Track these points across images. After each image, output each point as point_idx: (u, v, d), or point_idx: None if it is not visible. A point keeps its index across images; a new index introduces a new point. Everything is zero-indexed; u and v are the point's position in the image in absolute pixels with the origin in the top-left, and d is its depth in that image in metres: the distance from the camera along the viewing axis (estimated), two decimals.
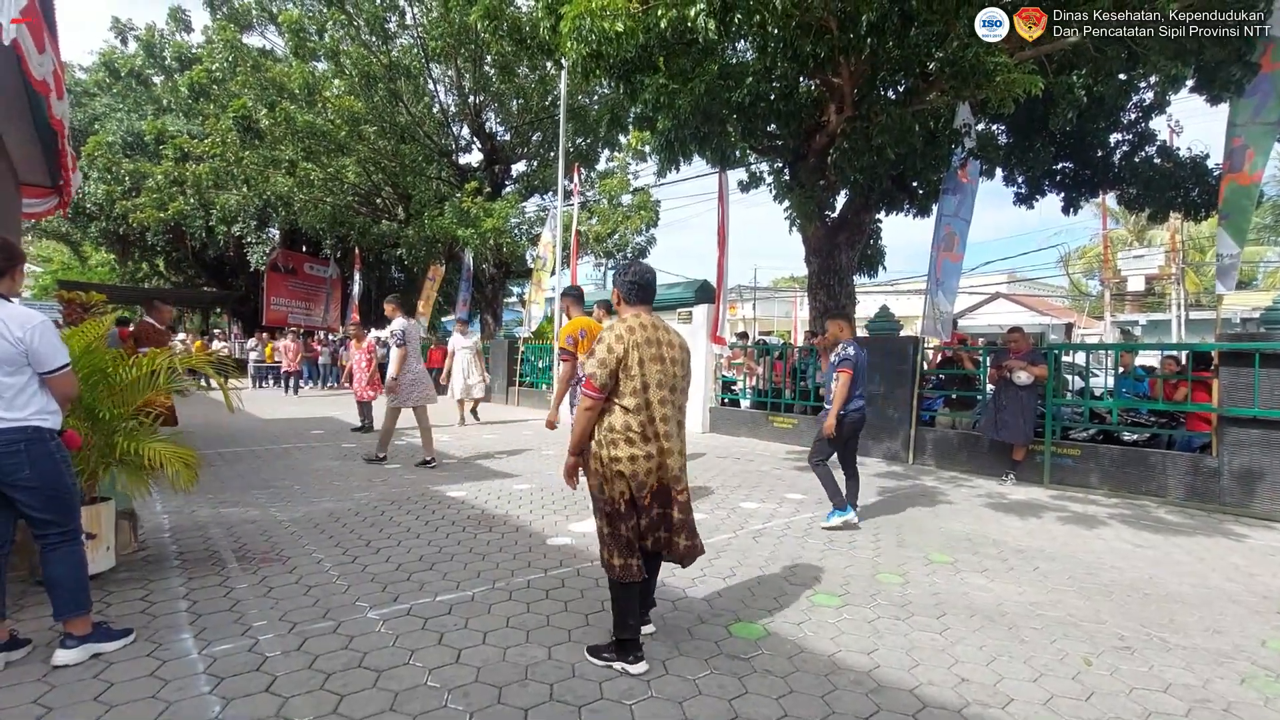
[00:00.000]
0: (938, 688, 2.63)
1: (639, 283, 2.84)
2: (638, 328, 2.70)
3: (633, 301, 2.84)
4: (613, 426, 2.66)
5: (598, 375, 2.63)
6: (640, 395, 2.65)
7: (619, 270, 2.91)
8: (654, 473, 2.71)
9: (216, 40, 17.74)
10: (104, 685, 2.48)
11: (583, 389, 2.67)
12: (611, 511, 2.70)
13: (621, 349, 2.64)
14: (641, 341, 2.67)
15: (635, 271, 2.86)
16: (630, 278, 2.84)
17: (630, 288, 2.84)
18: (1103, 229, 24.75)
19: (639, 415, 2.65)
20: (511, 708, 2.40)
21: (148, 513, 4.88)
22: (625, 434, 2.65)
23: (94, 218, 21.31)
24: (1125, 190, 9.74)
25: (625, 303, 2.85)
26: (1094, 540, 4.79)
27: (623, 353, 2.64)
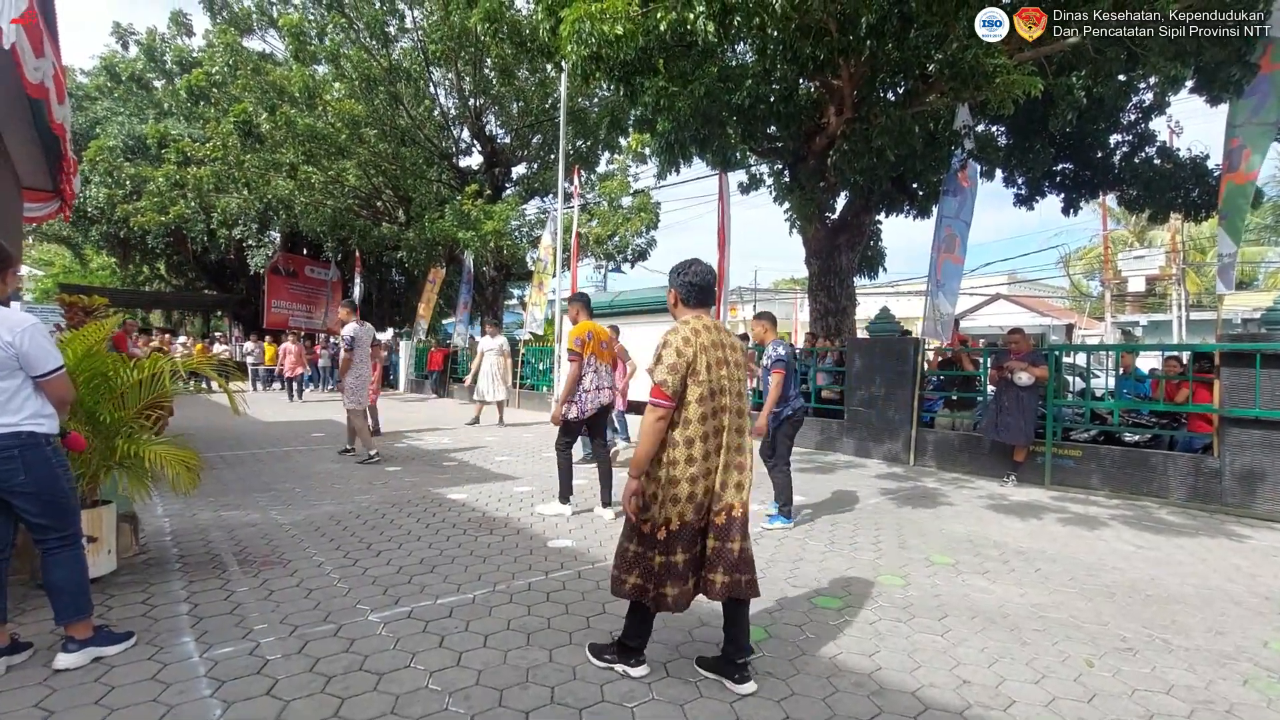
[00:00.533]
0: (939, 690, 2.62)
1: (698, 284, 2.62)
2: (703, 330, 2.51)
3: (691, 304, 2.63)
4: (674, 440, 2.44)
5: (669, 382, 2.41)
6: (707, 403, 2.45)
7: (677, 270, 2.67)
8: (714, 493, 2.48)
9: (217, 44, 17.78)
10: (105, 689, 2.48)
11: (651, 398, 2.44)
12: (648, 535, 2.48)
13: (690, 352, 2.44)
14: (708, 344, 2.49)
15: (695, 271, 2.63)
16: (689, 278, 2.62)
17: (689, 289, 2.62)
18: (1103, 230, 24.74)
19: (702, 425, 2.45)
20: (513, 710, 2.40)
21: (149, 516, 4.88)
22: (686, 448, 2.43)
23: (95, 221, 21.34)
24: (1125, 191, 9.75)
25: (684, 304, 2.64)
26: (1096, 541, 4.79)
27: (692, 356, 2.44)
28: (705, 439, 2.45)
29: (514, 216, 17.01)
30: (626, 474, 2.52)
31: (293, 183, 17.09)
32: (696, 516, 2.46)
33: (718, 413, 2.48)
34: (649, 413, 2.43)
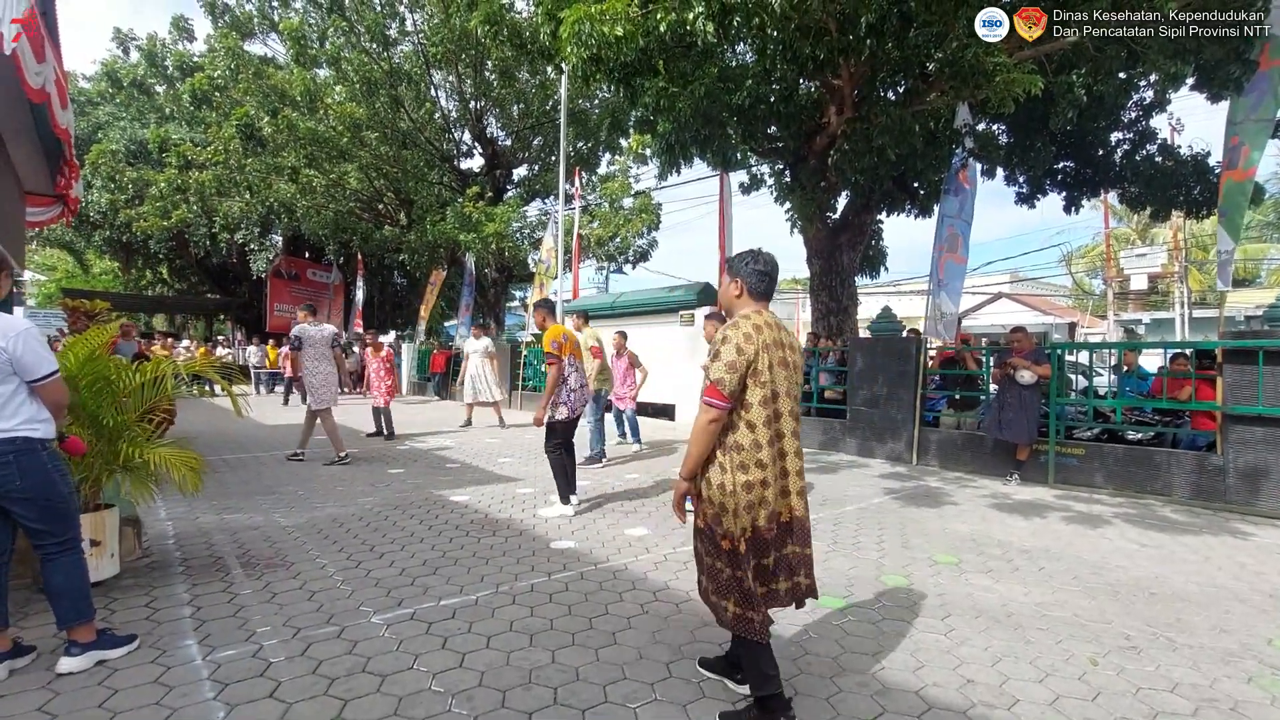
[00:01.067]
0: (943, 689, 2.62)
1: (768, 273, 2.43)
2: (764, 326, 2.32)
3: (757, 295, 2.42)
4: (738, 444, 2.27)
5: (727, 381, 2.23)
6: (770, 405, 2.29)
7: (743, 258, 2.46)
8: (781, 498, 2.35)
9: (218, 48, 17.85)
10: (108, 692, 2.49)
11: (705, 398, 2.26)
12: (732, 550, 2.28)
13: (752, 350, 2.25)
14: (770, 342, 2.31)
15: (765, 260, 2.44)
16: (760, 266, 2.42)
17: (758, 278, 2.41)
18: (1105, 228, 24.69)
19: (767, 429, 2.28)
20: (516, 711, 2.40)
21: (152, 519, 4.89)
22: (753, 453, 2.26)
23: (98, 226, 21.41)
24: (1126, 189, 9.74)
25: (749, 295, 2.43)
26: (1099, 540, 4.77)
27: (753, 354, 2.25)
28: (771, 443, 2.29)
29: (515, 218, 17.05)
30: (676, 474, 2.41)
31: (294, 186, 17.15)
32: (768, 524, 2.31)
33: (780, 416, 2.32)
34: (703, 413, 2.26)
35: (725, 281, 2.49)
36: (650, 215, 19.64)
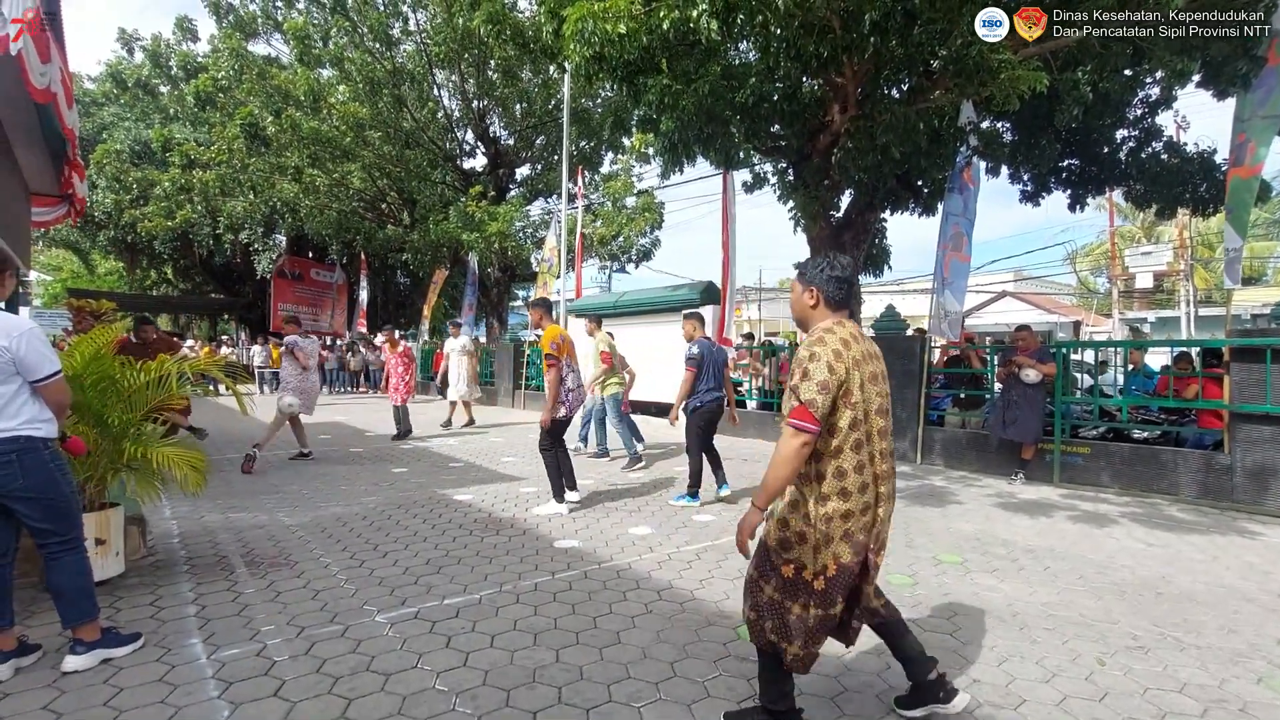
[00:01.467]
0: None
1: (847, 279, 2.21)
2: (851, 340, 2.11)
3: (835, 304, 2.20)
4: (823, 473, 2.07)
5: (819, 402, 2.00)
6: (860, 427, 2.08)
7: (817, 264, 2.23)
8: (870, 530, 2.12)
9: (222, 49, 17.91)
10: (113, 690, 2.49)
11: (794, 421, 2.02)
12: (802, 585, 2.09)
13: (843, 369, 2.04)
14: (860, 357, 2.11)
15: (841, 265, 2.21)
16: (836, 272, 2.20)
17: (836, 285, 2.19)
18: (1109, 226, 24.60)
19: (858, 454, 2.07)
20: (520, 710, 2.39)
21: (157, 518, 4.90)
22: (837, 481, 2.06)
23: (102, 226, 21.50)
24: (1132, 187, 9.67)
25: (826, 305, 2.20)
26: (1105, 539, 4.75)
27: (844, 373, 2.04)
28: (860, 469, 2.07)
29: (518, 218, 17.07)
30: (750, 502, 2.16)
31: (298, 186, 17.19)
32: (855, 558, 2.09)
33: (870, 438, 2.11)
34: (791, 438, 2.01)
35: (798, 290, 2.25)
36: (653, 214, 19.63)
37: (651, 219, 19.62)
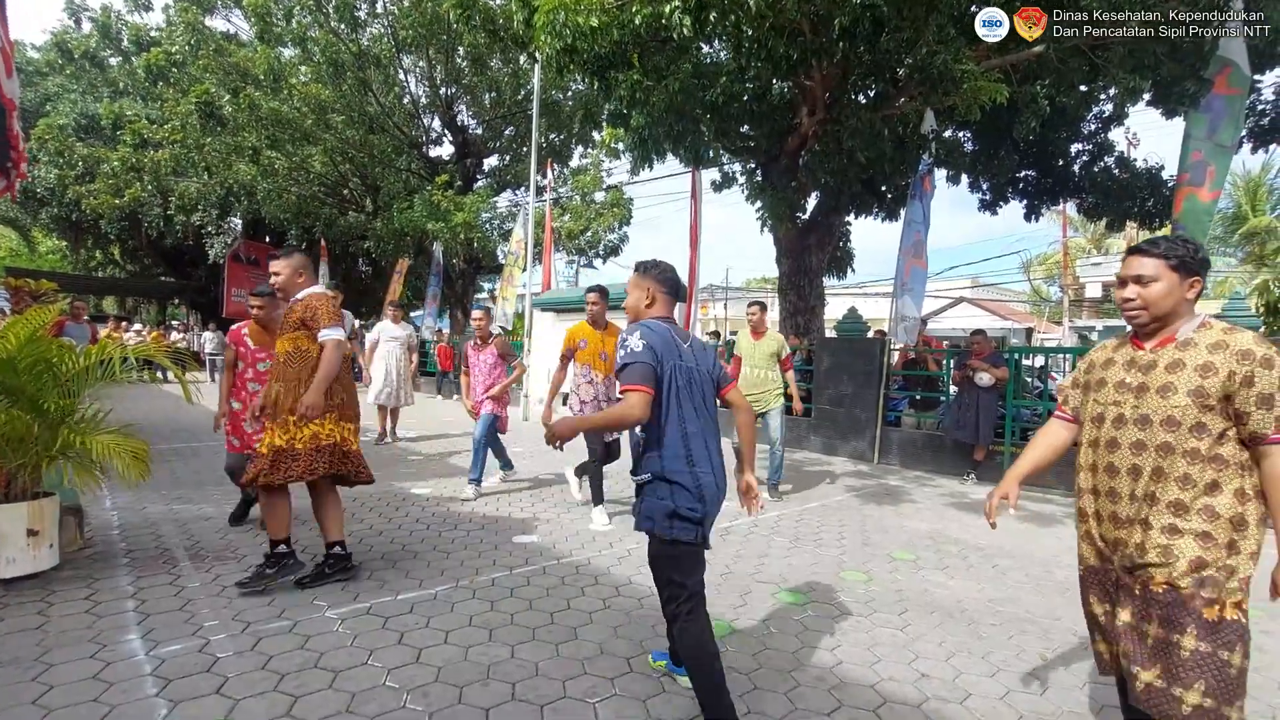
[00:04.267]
0: (898, 683, 2.66)
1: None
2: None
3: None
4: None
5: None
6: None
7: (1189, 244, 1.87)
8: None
9: (177, 22, 17.20)
10: (42, 688, 2.38)
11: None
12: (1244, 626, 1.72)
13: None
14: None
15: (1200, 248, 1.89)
16: (1205, 255, 1.90)
17: (1207, 270, 1.93)
18: (1062, 236, 25.45)
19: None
20: (472, 708, 2.36)
21: (96, 509, 4.70)
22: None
23: (45, 203, 20.48)
24: (1084, 199, 10.02)
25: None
26: (1050, 538, 4.92)
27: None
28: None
29: (485, 209, 16.81)
30: None
31: (255, 168, 16.62)
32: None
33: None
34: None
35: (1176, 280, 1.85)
36: (622, 210, 19.58)
37: (620, 214, 19.57)
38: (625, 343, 2.19)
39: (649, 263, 2.44)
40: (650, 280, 2.39)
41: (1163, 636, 1.73)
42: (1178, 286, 1.82)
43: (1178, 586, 1.71)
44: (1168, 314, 1.84)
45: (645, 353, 2.15)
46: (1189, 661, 1.67)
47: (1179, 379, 1.77)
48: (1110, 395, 1.92)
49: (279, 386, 3.34)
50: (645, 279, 2.39)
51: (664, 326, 2.29)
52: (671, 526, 2.19)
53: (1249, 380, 1.70)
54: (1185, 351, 1.79)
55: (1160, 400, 1.79)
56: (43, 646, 2.67)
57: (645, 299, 2.38)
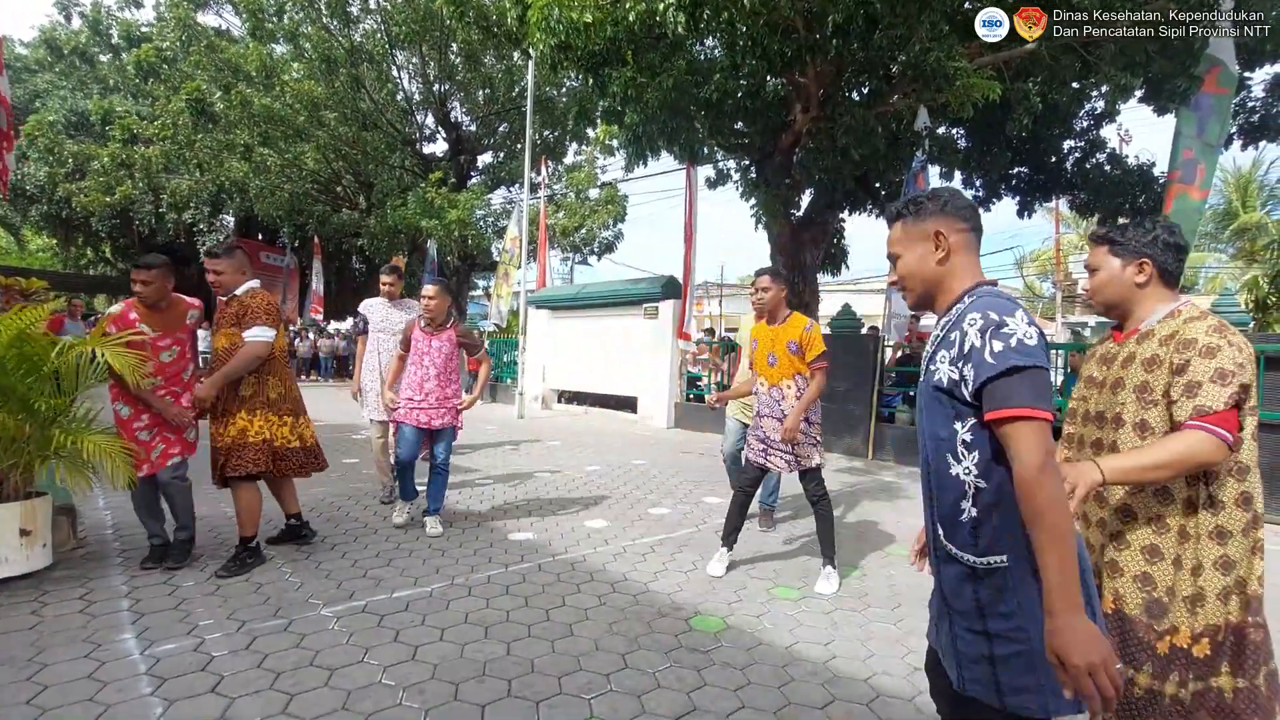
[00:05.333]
0: (892, 677, 2.68)
1: (1184, 245, 1.75)
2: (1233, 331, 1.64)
3: (1172, 280, 1.74)
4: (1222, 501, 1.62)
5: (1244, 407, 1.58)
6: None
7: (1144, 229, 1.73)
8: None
9: (168, 18, 17.06)
10: (37, 688, 2.37)
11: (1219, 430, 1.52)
12: None
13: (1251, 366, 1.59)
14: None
15: (1172, 230, 1.73)
16: (1176, 239, 1.72)
17: (1177, 253, 1.72)
18: (1055, 233, 25.56)
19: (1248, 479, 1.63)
20: (468, 704, 2.37)
21: (89, 508, 4.68)
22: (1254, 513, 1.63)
23: (34, 200, 20.32)
24: (1077, 196, 10.07)
25: (1165, 283, 1.73)
26: None
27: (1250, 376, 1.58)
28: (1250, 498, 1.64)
29: (479, 206, 16.77)
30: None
31: (248, 165, 16.54)
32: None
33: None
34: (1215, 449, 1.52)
35: (1116, 266, 1.74)
36: (616, 207, 19.58)
37: (615, 211, 19.56)
38: (1002, 329, 1.23)
39: (921, 195, 1.46)
40: (929, 220, 1.42)
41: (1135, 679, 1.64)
42: (1119, 272, 1.73)
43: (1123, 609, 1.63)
44: (1117, 301, 1.75)
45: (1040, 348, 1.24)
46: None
47: (1129, 373, 1.68)
48: (1081, 390, 1.85)
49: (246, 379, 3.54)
50: (920, 221, 1.43)
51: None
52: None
53: (1182, 368, 1.57)
54: (1141, 344, 1.68)
55: (1111, 396, 1.71)
56: (37, 646, 2.67)
57: (936, 253, 1.41)
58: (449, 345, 4.42)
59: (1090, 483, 1.54)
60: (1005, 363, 1.20)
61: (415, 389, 4.31)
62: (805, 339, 3.61)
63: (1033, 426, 1.18)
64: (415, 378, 4.33)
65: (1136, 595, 1.62)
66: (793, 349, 3.63)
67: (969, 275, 1.39)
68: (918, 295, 1.47)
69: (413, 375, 4.34)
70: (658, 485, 6.20)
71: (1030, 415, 1.18)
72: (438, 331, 4.40)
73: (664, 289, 11.02)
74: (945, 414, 1.33)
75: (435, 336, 4.39)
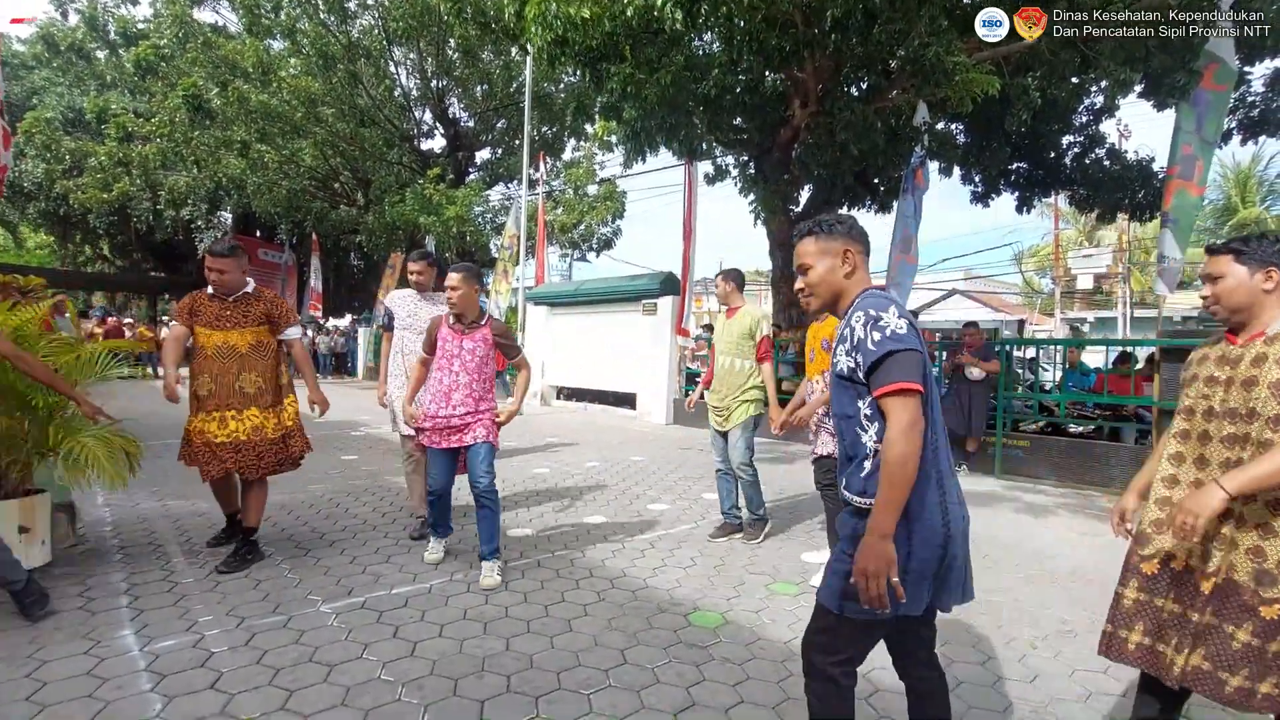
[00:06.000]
0: (889, 671, 2.66)
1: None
2: None
3: None
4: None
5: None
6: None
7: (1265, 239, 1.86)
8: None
9: (165, 15, 17.02)
10: (37, 684, 2.37)
11: None
12: None
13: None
14: None
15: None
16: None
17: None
18: (1054, 228, 25.56)
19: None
20: (468, 700, 2.37)
21: (88, 505, 4.67)
22: None
23: (32, 197, 20.29)
24: (1076, 191, 10.07)
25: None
26: (1041, 529, 4.96)
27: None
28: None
29: (477, 202, 16.76)
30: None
31: (245, 162, 16.51)
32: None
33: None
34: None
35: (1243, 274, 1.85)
36: (615, 203, 19.56)
37: (613, 208, 19.56)
38: (879, 322, 1.54)
39: (830, 219, 1.76)
40: (839, 240, 1.72)
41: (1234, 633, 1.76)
42: (1247, 279, 1.84)
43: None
44: (1243, 307, 1.86)
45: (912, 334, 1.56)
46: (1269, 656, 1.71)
47: (1262, 372, 1.78)
48: (1200, 389, 1.95)
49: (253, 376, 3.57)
50: (832, 239, 1.72)
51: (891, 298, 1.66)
52: None
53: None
54: (1272, 345, 1.79)
55: (1244, 393, 1.81)
56: (36, 643, 2.67)
57: (844, 267, 1.72)
58: (483, 346, 3.65)
59: (1212, 510, 1.70)
60: (883, 349, 1.52)
61: (442, 400, 3.55)
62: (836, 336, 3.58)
63: (903, 398, 1.50)
64: (442, 386, 3.56)
65: (1248, 565, 1.77)
66: (825, 346, 3.63)
67: (862, 285, 1.73)
68: (823, 301, 1.77)
69: (439, 383, 3.57)
70: (656, 481, 6.21)
71: (902, 388, 1.50)
72: (470, 330, 3.63)
73: (663, 285, 11.01)
74: (850, 395, 1.65)
75: (467, 336, 3.61)
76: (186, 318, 3.54)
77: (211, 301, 3.53)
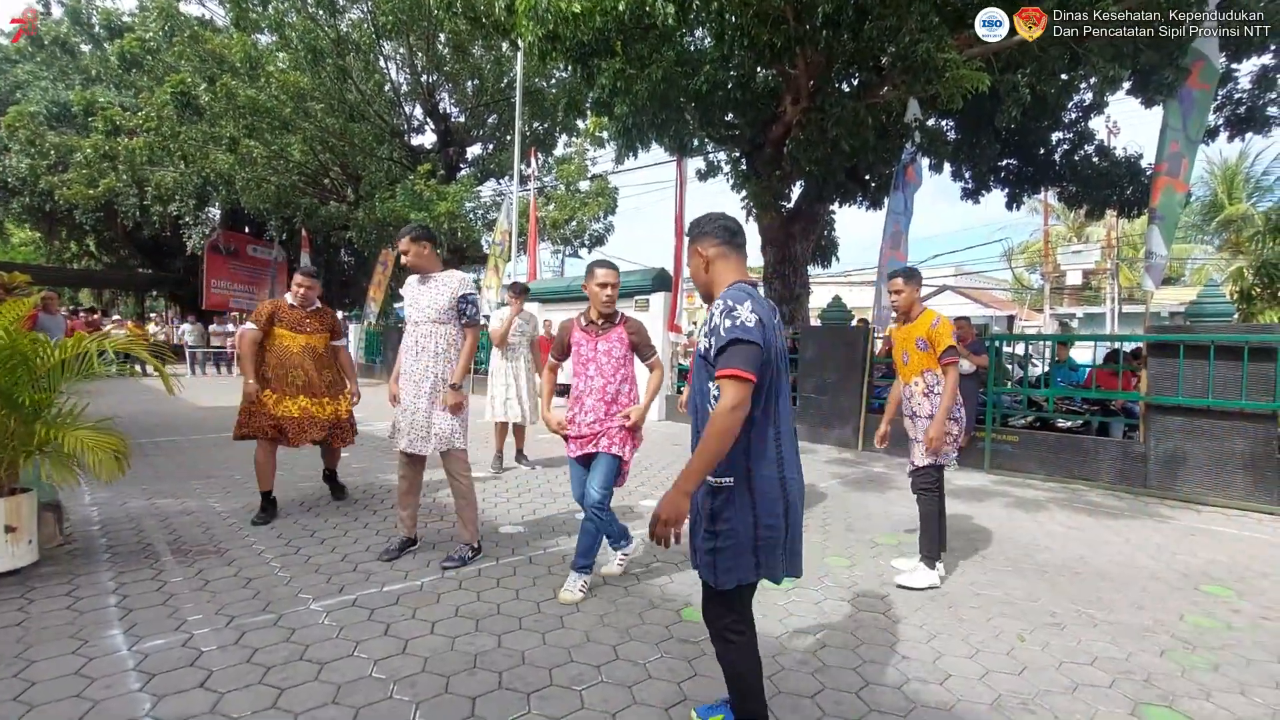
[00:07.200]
0: (880, 665, 2.70)
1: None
2: None
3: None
4: None
5: None
6: None
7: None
8: None
9: (150, 7, 16.82)
10: (24, 684, 2.35)
11: None
12: None
13: None
14: None
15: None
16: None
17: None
18: (1044, 224, 25.71)
19: None
20: (459, 696, 2.37)
21: (75, 504, 4.64)
22: None
23: (16, 193, 20.04)
24: (1065, 187, 10.13)
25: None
26: (1030, 523, 5.00)
27: None
28: None
29: (468, 198, 16.67)
30: None
31: (233, 157, 16.34)
32: None
33: None
34: None
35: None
36: (607, 199, 19.50)
37: (605, 204, 19.49)
38: (732, 313, 1.75)
39: (694, 223, 2.01)
40: (700, 241, 1.97)
41: None
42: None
43: None
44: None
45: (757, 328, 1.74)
46: None
47: None
48: None
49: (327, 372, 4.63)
50: (692, 243, 1.99)
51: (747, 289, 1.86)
52: None
53: None
54: None
55: None
56: (24, 643, 2.65)
57: (701, 267, 1.97)
58: (620, 347, 3.38)
59: None
60: (729, 336, 1.73)
61: (573, 405, 3.37)
62: (932, 334, 3.59)
63: (735, 383, 1.70)
64: (575, 390, 3.39)
65: None
66: (921, 346, 3.65)
67: (729, 276, 1.92)
68: (701, 293, 2.00)
69: (574, 388, 3.41)
70: (649, 478, 6.21)
71: (735, 374, 1.70)
72: (604, 331, 3.39)
73: (655, 281, 11.01)
74: (707, 374, 1.84)
75: (602, 337, 3.38)
76: (266, 323, 4.37)
77: (292, 310, 4.49)
